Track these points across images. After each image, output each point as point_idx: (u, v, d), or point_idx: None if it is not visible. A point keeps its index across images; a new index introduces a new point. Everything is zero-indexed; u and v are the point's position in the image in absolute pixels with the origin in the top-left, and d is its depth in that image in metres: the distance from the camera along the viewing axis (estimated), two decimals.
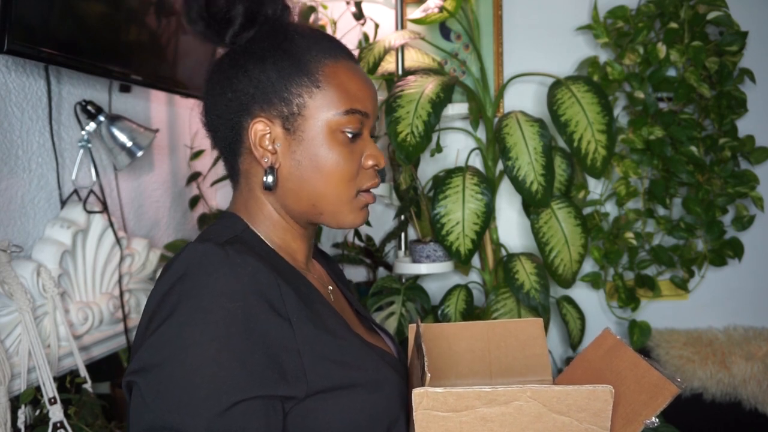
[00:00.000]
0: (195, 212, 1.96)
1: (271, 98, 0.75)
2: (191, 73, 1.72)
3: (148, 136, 1.46)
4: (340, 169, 0.75)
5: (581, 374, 0.84)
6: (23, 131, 1.28)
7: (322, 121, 0.75)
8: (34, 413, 1.17)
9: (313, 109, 0.75)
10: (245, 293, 0.65)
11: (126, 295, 1.50)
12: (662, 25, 1.79)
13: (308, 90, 0.74)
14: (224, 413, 0.61)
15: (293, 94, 0.74)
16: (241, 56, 0.76)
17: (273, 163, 0.76)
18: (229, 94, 0.76)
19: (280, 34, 0.77)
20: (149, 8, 1.50)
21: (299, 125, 0.75)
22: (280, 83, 0.74)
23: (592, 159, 1.53)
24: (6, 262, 1.16)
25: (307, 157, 0.75)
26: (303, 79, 0.75)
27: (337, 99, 0.75)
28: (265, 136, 0.75)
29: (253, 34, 0.77)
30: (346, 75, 0.77)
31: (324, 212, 0.78)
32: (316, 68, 0.75)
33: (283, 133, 0.75)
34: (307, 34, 0.78)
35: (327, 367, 0.69)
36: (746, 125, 1.82)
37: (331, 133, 0.75)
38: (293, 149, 0.75)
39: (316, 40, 0.77)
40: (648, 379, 0.71)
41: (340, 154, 0.75)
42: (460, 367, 0.89)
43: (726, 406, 1.79)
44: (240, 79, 0.75)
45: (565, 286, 1.64)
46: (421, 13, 1.70)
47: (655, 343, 1.85)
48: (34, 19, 1.15)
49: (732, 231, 1.83)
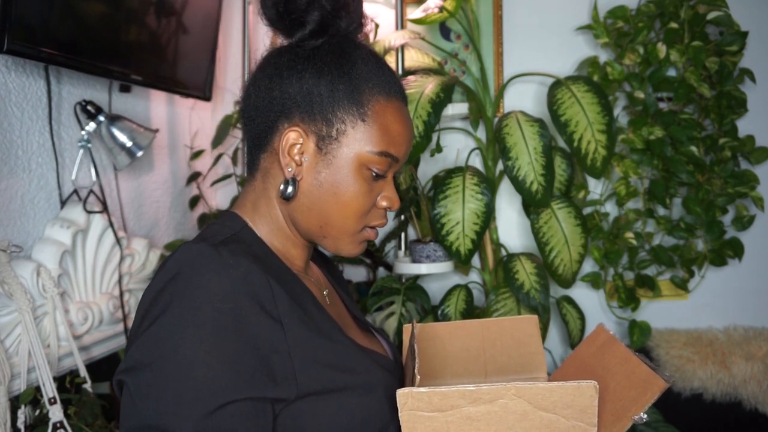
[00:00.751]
0: (195, 212, 1.96)
1: (315, 114, 0.75)
2: (191, 73, 1.72)
3: (148, 136, 1.46)
4: (356, 203, 0.76)
5: (573, 371, 0.84)
6: (23, 131, 1.28)
7: (355, 152, 0.75)
8: (34, 413, 1.17)
9: (351, 139, 0.75)
10: (237, 294, 0.65)
11: (126, 295, 1.50)
12: (662, 25, 1.79)
13: (353, 120, 0.75)
14: (213, 414, 0.61)
15: (337, 118, 0.75)
16: (302, 61, 0.76)
17: (296, 174, 0.76)
18: (275, 92, 0.76)
19: (346, 54, 0.77)
20: (149, 8, 1.50)
21: (332, 149, 0.75)
22: (329, 103, 0.75)
23: (592, 159, 1.53)
24: (6, 262, 1.16)
25: (329, 181, 0.75)
26: (352, 107, 0.75)
27: (377, 138, 0.76)
28: (295, 146, 0.76)
29: (320, 43, 0.77)
30: (392, 116, 0.77)
31: (327, 236, 0.79)
32: (368, 101, 0.76)
33: (315, 150, 0.76)
34: (370, 62, 0.78)
35: (318, 369, 0.69)
36: (746, 125, 1.82)
37: (359, 167, 0.76)
38: (319, 169, 0.76)
39: (377, 71, 0.78)
40: (637, 375, 0.71)
41: (360, 189, 0.76)
42: (456, 367, 0.89)
43: (726, 406, 1.79)
44: (292, 83, 0.75)
45: (565, 286, 1.63)
46: (421, 13, 1.70)
47: (655, 343, 1.85)
48: (34, 19, 1.15)
49: (732, 231, 1.83)
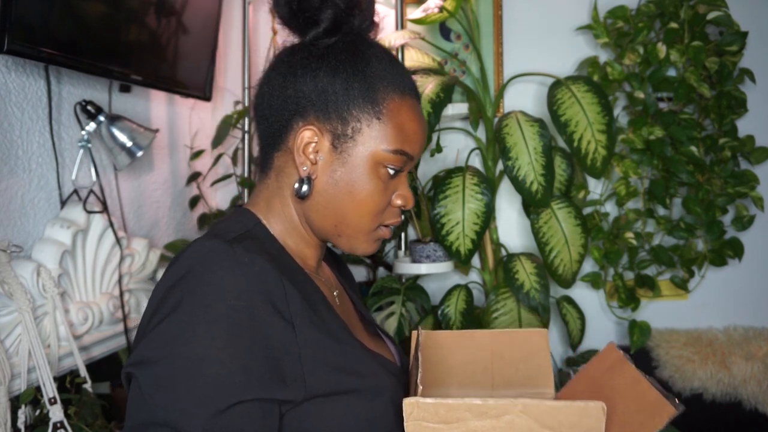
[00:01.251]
0: (195, 212, 1.96)
1: (330, 112, 0.75)
2: (191, 73, 1.72)
3: (148, 136, 1.46)
4: (372, 201, 0.76)
5: (582, 389, 0.82)
6: (23, 131, 1.28)
7: (370, 151, 0.75)
8: (34, 413, 1.17)
9: (366, 138, 0.75)
10: (250, 293, 0.65)
11: (126, 295, 1.50)
12: (662, 25, 1.79)
13: (368, 118, 0.75)
14: (222, 413, 0.60)
15: (353, 116, 0.75)
16: (316, 59, 0.76)
17: (311, 173, 0.76)
18: (290, 90, 0.76)
19: (360, 52, 0.77)
20: (149, 8, 1.50)
21: (348, 147, 0.75)
22: (344, 102, 0.75)
23: (592, 159, 1.53)
24: (6, 262, 1.16)
25: (344, 180, 0.75)
26: (367, 106, 0.75)
27: (392, 136, 0.75)
28: (310, 144, 0.75)
29: (333, 41, 0.76)
30: (407, 114, 0.77)
31: (342, 235, 0.78)
32: (383, 99, 0.75)
33: (330, 148, 0.75)
34: (384, 61, 0.78)
35: (326, 372, 0.69)
36: (746, 125, 1.82)
37: (374, 165, 0.75)
38: (334, 168, 0.75)
39: (391, 69, 0.77)
40: (647, 398, 0.70)
41: (376, 187, 0.76)
42: (462, 377, 0.88)
43: (726, 406, 1.79)
44: (306, 81, 0.75)
45: (565, 286, 1.63)
46: (421, 13, 1.70)
47: (655, 343, 1.85)
48: (34, 19, 1.15)
49: (732, 231, 1.83)
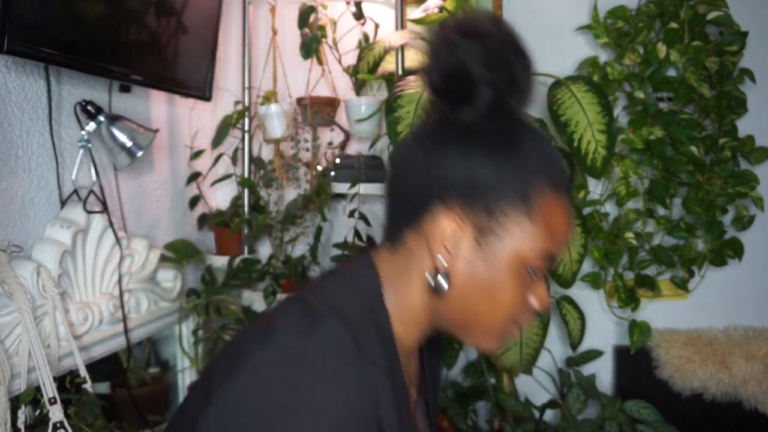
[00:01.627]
0: (195, 212, 1.96)
1: (476, 202, 0.67)
2: (191, 73, 1.72)
3: (148, 136, 1.46)
4: (511, 304, 0.69)
5: None
6: (23, 131, 1.28)
7: (515, 250, 0.68)
8: (34, 413, 1.17)
9: (513, 235, 0.67)
10: (366, 418, 0.61)
11: (126, 295, 1.50)
12: (662, 25, 1.79)
13: (517, 214, 0.67)
14: None
15: (500, 209, 0.67)
16: (467, 137, 0.68)
17: (448, 266, 0.68)
18: (434, 171, 0.68)
19: (515, 137, 0.69)
20: (149, 8, 1.50)
21: (491, 243, 0.68)
22: (493, 193, 0.67)
23: (592, 159, 1.53)
24: (6, 262, 1.16)
25: (483, 278, 0.68)
26: (517, 201, 0.67)
27: (541, 237, 0.68)
28: (452, 236, 0.68)
29: (491, 125, 0.68)
30: (558, 213, 0.70)
31: (471, 332, 0.72)
32: (535, 196, 0.68)
33: (471, 242, 0.68)
34: (539, 149, 0.70)
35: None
36: (746, 125, 1.81)
37: (517, 266, 0.68)
38: (473, 263, 0.68)
39: (546, 160, 0.70)
40: None
41: (516, 289, 0.69)
42: None
43: (726, 406, 1.79)
44: (454, 163, 0.68)
45: (565, 286, 1.63)
46: (421, 13, 1.70)
47: (655, 343, 1.85)
48: (34, 19, 1.15)
49: (732, 231, 1.83)
